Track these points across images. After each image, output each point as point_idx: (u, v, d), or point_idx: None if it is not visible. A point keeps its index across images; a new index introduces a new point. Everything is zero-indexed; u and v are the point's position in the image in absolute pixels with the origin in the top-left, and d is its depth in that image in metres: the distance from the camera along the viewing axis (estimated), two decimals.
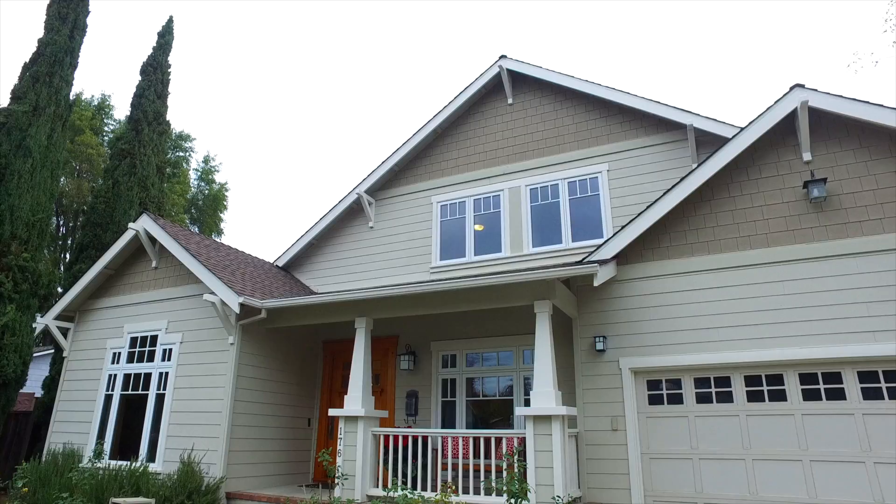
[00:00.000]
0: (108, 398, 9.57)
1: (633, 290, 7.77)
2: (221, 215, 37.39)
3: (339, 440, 7.60)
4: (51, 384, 12.77)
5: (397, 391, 9.56)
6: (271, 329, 9.22)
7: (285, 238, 63.45)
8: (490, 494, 6.43)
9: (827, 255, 6.84)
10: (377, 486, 7.35)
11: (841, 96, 6.95)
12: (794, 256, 6.99)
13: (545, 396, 6.54)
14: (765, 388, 6.88)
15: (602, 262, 7.32)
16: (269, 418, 8.91)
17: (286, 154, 70.04)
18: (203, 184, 37.23)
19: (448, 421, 9.11)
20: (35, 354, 18.03)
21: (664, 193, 7.75)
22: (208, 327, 8.83)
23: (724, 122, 8.89)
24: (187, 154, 36.17)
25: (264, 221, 59.95)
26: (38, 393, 13.77)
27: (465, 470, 7.79)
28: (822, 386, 6.64)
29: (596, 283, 6.82)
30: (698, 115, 9.15)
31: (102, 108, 31.37)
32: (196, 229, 33.64)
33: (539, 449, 6.38)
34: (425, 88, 75.65)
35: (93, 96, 31.64)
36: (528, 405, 6.69)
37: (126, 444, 9.05)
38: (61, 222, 27.66)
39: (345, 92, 77.94)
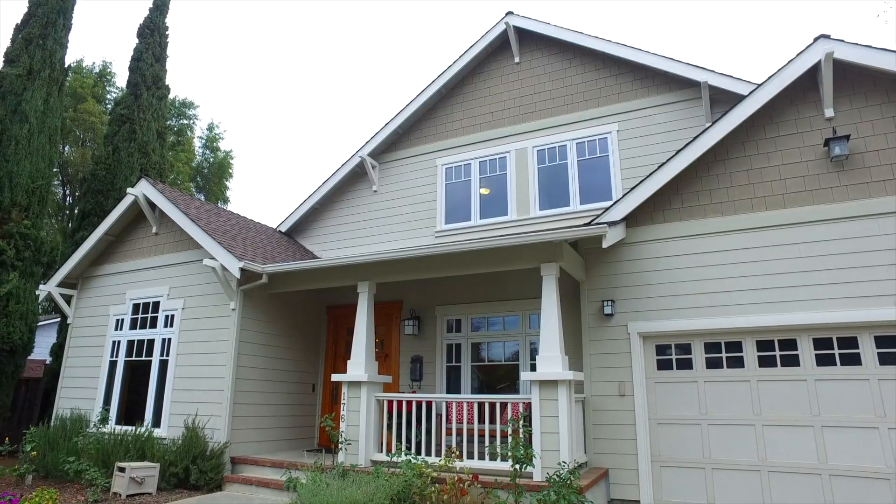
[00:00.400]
0: (113, 364, 9.56)
1: (643, 253, 7.54)
2: (227, 183, 37.17)
3: (342, 405, 7.53)
4: (58, 351, 12.81)
5: (402, 356, 9.48)
6: (273, 294, 9.10)
7: (292, 204, 63.26)
8: (495, 459, 6.34)
9: (847, 216, 6.56)
10: (381, 452, 7.31)
11: (870, 47, 6.55)
12: (812, 218, 6.72)
13: (551, 361, 6.39)
14: (777, 353, 6.69)
15: (611, 224, 7.08)
16: (272, 384, 8.87)
17: (291, 119, 69.30)
18: (208, 152, 36.91)
19: (453, 386, 9.04)
20: (44, 322, 18.15)
21: (677, 153, 7.45)
22: (209, 293, 8.72)
23: (740, 79, 8.49)
24: (191, 122, 35.74)
25: (271, 188, 59.75)
26: (49, 360, 13.87)
27: (469, 435, 7.72)
28: (836, 351, 6.45)
29: (605, 245, 6.60)
30: (713, 71, 8.74)
31: (104, 75, 30.87)
32: (202, 197, 33.50)
33: (545, 414, 6.27)
34: (431, 48, 74.10)
35: (94, 63, 31.09)
36: (535, 370, 6.55)
37: (132, 410, 9.07)
38: (67, 191, 27.55)
39: (350, 53, 76.57)
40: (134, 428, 8.33)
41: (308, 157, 66.72)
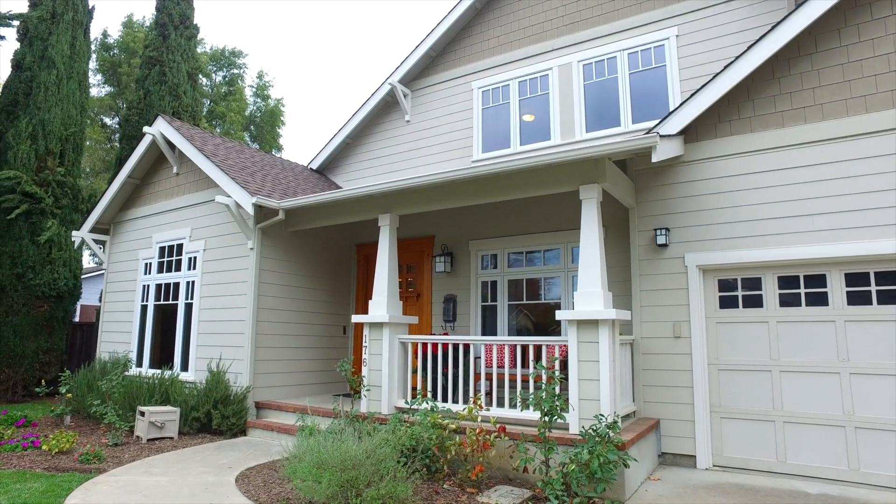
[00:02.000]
0: (144, 309, 9.43)
1: (705, 173, 6.38)
2: (279, 130, 37.17)
3: (363, 349, 6.99)
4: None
5: (434, 296, 8.81)
6: (296, 233, 8.56)
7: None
8: (527, 408, 5.60)
9: None
10: (405, 399, 6.76)
11: None
12: None
13: (591, 298, 5.51)
14: (873, 288, 5.51)
15: (665, 137, 5.94)
16: (299, 326, 8.44)
17: (335, 58, 68.21)
18: (259, 100, 36.91)
19: (489, 328, 8.32)
20: (94, 274, 18.76)
21: (748, 48, 6.11)
22: (227, 233, 8.26)
23: None
24: (241, 71, 35.66)
25: (321, 133, 59.64)
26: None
27: (500, 380, 7.05)
28: None
29: (655, 160, 5.50)
30: None
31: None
32: (256, 146, 33.58)
33: (583, 359, 5.44)
34: None
35: (144, 17, 31.12)
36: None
37: (164, 353, 8.93)
38: (116, 138, 28.05)
39: None
40: (161, 371, 8.17)
41: (354, 95, 65.89)
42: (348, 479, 3.96)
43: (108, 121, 28.16)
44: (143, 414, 6.90)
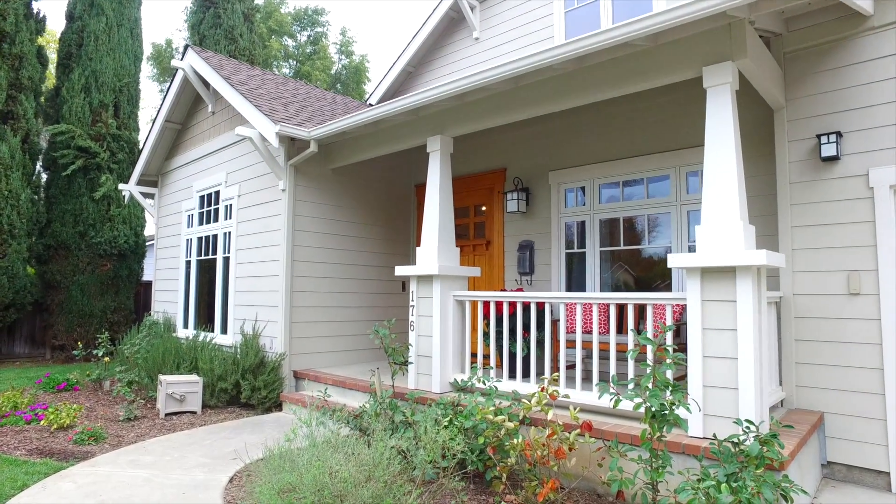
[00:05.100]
0: (188, 265, 8.58)
1: None
2: (365, 87, 36.39)
3: (410, 308, 5.52)
4: None
5: (506, 243, 7.13)
6: (338, 171, 7.18)
7: None
8: (621, 400, 3.89)
9: None
10: (462, 372, 5.25)
11: None
12: None
13: (724, 233, 3.62)
14: None
15: None
16: (346, 282, 7.15)
17: (421, 8, 65.96)
18: (343, 57, 36.25)
19: (576, 282, 6.55)
20: None
21: None
22: (259, 174, 7.04)
23: None
24: (325, 29, 35.07)
25: None
26: None
27: (586, 351, 5.35)
28: None
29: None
30: None
31: None
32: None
33: (710, 326, 3.61)
34: None
35: None
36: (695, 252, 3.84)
37: (210, 313, 8.04)
38: None
39: None
40: (196, 333, 7.26)
41: None
42: None
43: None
44: (162, 384, 5.95)
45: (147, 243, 12.01)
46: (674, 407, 2.93)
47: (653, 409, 2.90)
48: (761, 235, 5.04)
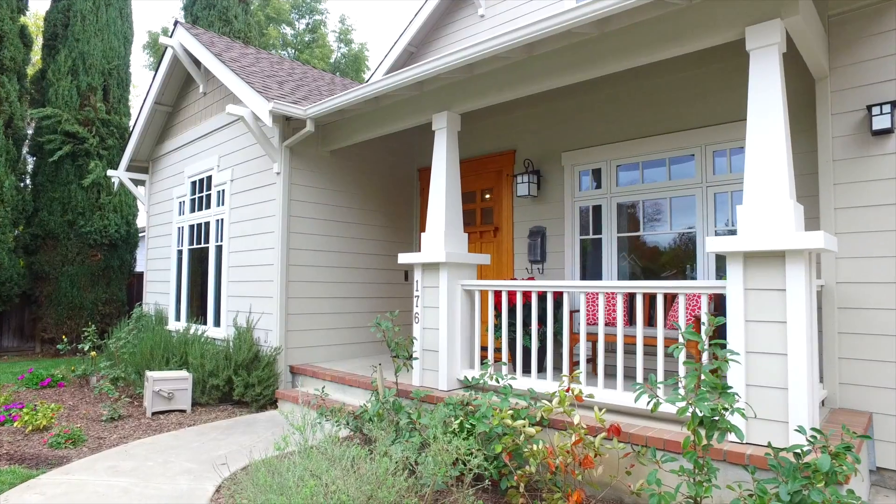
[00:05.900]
0: (179, 254, 8.17)
1: None
2: (364, 76, 35.83)
3: (415, 299, 5.12)
4: None
5: (516, 229, 6.71)
6: (337, 153, 6.75)
7: None
8: (661, 403, 3.48)
9: None
10: (471, 369, 4.86)
11: None
12: None
13: (770, 212, 3.20)
14: None
15: None
16: (345, 272, 6.74)
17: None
18: (342, 45, 35.70)
19: (591, 270, 6.14)
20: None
21: None
22: (253, 157, 6.62)
23: None
24: (323, 17, 34.49)
25: None
26: None
27: (608, 344, 4.95)
28: None
29: None
30: None
31: None
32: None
33: (754, 317, 3.21)
34: None
35: None
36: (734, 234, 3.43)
37: (202, 305, 7.65)
38: None
39: None
40: (188, 326, 6.87)
41: None
42: None
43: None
44: (149, 381, 5.56)
45: (140, 234, 11.60)
46: (725, 412, 2.52)
47: (701, 414, 2.49)
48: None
